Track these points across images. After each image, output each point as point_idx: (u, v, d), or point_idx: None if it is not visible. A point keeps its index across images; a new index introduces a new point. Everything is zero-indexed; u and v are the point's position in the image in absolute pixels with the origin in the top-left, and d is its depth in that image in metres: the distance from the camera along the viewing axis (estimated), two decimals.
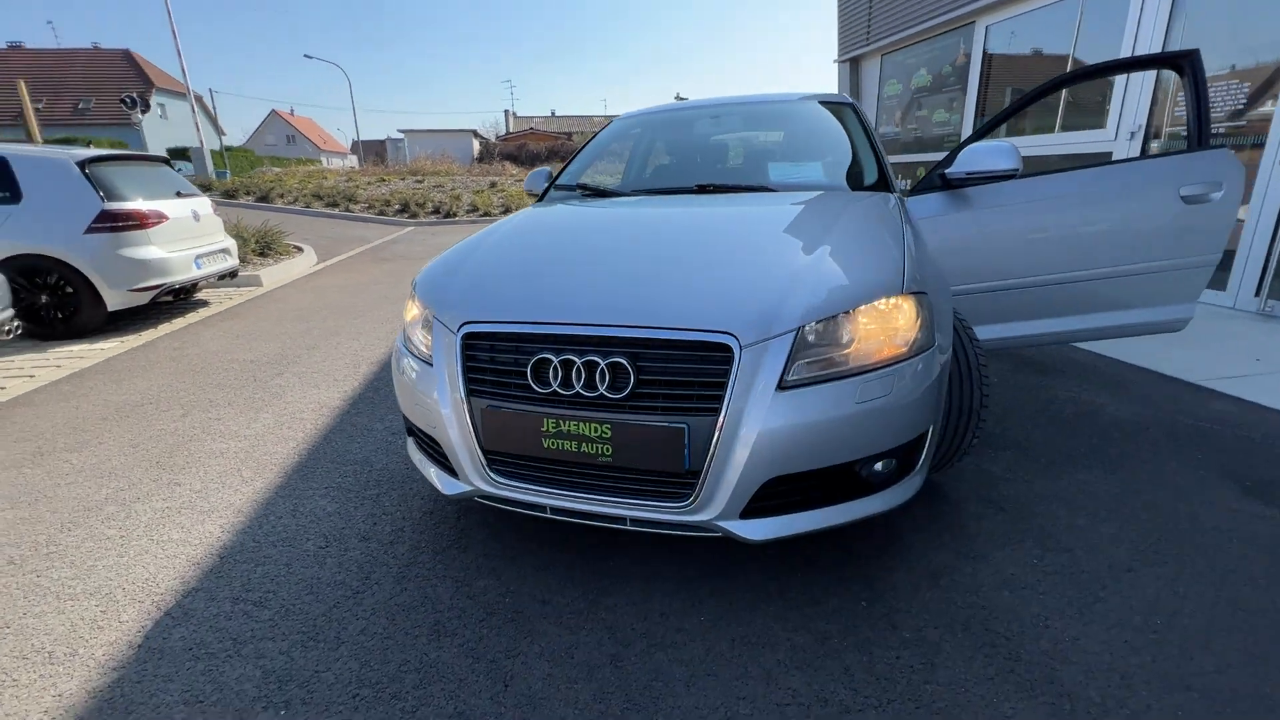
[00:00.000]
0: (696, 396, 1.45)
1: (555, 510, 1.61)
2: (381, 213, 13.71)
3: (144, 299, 4.75)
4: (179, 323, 5.06)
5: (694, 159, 3.06)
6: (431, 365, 1.70)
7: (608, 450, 1.50)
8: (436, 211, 13.66)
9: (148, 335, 4.68)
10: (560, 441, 1.53)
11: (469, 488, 1.69)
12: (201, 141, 17.86)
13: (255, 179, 17.60)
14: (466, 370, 1.63)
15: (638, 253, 1.87)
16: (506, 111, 39.54)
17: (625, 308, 1.54)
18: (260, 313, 5.36)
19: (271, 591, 1.72)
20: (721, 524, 1.48)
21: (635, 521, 1.55)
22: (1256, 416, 2.61)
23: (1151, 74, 4.78)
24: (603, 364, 1.47)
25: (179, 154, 33.38)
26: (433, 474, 1.81)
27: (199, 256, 5.19)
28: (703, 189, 2.52)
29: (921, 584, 1.66)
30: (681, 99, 6.41)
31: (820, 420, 1.43)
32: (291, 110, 56.62)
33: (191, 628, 1.59)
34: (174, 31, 16.35)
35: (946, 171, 2.45)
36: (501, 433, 1.60)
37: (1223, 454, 2.30)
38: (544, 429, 1.53)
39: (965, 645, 1.44)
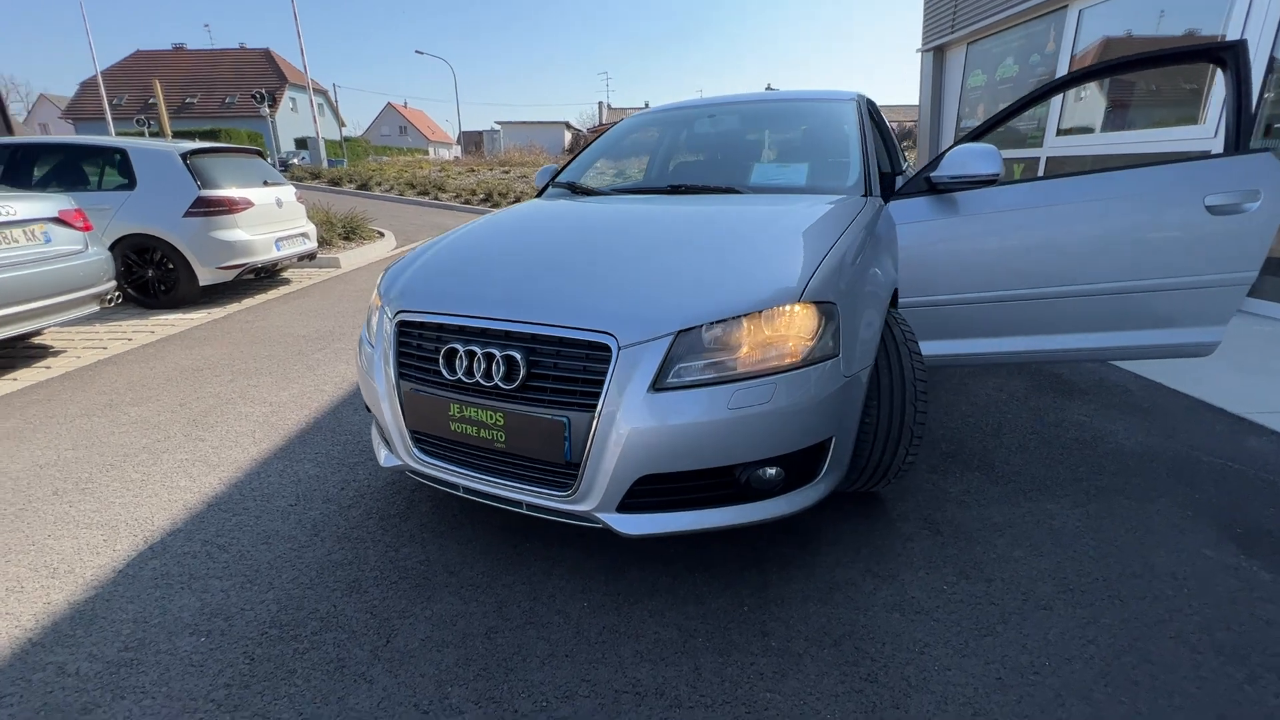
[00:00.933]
0: (578, 392, 1.52)
1: (466, 490, 1.74)
2: (467, 201, 14.50)
3: (229, 276, 5.38)
4: (259, 299, 5.67)
5: (679, 160, 3.08)
6: (374, 350, 1.88)
7: (501, 437, 1.61)
8: (517, 200, 14.26)
9: (230, 308, 5.29)
10: (464, 426, 1.65)
11: (399, 462, 1.86)
12: (316, 132, 19.60)
13: (358, 168, 19.06)
14: (398, 356, 1.79)
15: (563, 252, 1.95)
16: (600, 103, 40.23)
17: (525, 304, 1.64)
18: (329, 292, 5.89)
19: (235, 538, 1.97)
20: (600, 515, 1.55)
21: (530, 506, 1.65)
22: None
23: (1263, 57, 4.20)
24: (498, 355, 1.58)
25: (302, 144, 36.68)
26: (377, 446, 2.00)
27: (279, 239, 5.78)
28: (674, 190, 2.55)
29: (813, 596, 1.65)
30: (700, 94, 6.34)
31: (691, 423, 1.46)
32: (405, 103, 60.52)
33: (163, 561, 1.86)
34: (298, 32, 17.97)
35: (931, 175, 2.34)
36: (421, 414, 1.75)
37: (1229, 496, 2.07)
38: (451, 413, 1.67)
39: (826, 661, 1.43)
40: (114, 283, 4.28)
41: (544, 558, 1.83)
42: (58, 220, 3.88)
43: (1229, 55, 2.24)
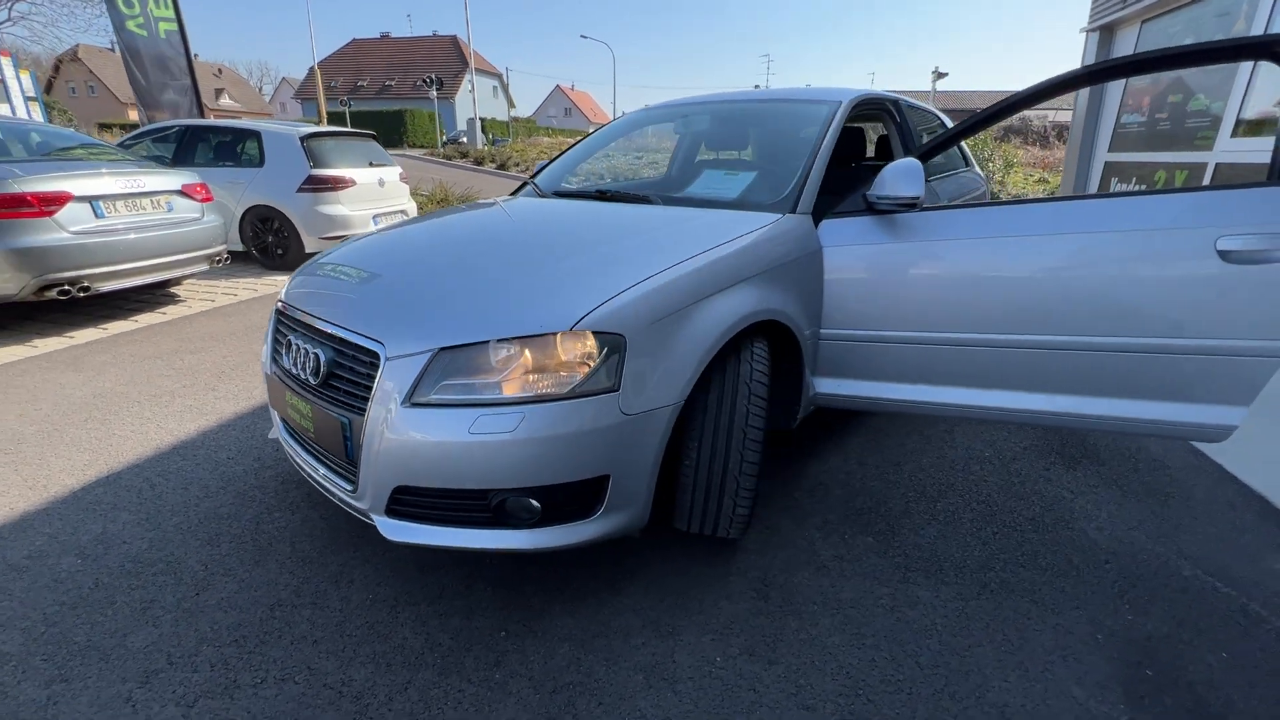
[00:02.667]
0: (357, 396, 1.58)
1: (306, 471, 1.90)
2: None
3: (329, 246, 6.14)
4: None
5: (630, 164, 2.97)
6: None
7: (311, 427, 1.73)
8: None
9: None
10: (293, 411, 1.80)
11: (276, 437, 2.07)
12: (475, 115, 21.36)
13: (508, 149, 20.45)
14: (272, 340, 1.98)
15: (426, 256, 2.01)
16: (756, 85, 39.14)
17: (338, 305, 1.73)
18: None
19: (167, 479, 2.31)
20: (372, 515, 1.62)
21: (335, 494, 1.76)
22: None
23: None
24: (309, 351, 1.69)
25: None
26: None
27: (376, 215, 6.46)
28: (600, 195, 2.47)
29: (574, 638, 1.58)
30: (756, 87, 5.91)
31: (436, 442, 1.47)
32: (572, 85, 63.51)
33: (107, 489, 2.25)
34: (467, 20, 19.58)
35: (867, 193, 2.05)
36: (274, 395, 1.93)
37: (1173, 629, 1.61)
38: (286, 398, 1.82)
39: (528, 706, 1.38)
40: (223, 247, 5.08)
41: (378, 544, 1.94)
42: (180, 192, 4.69)
43: None
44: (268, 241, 6.16)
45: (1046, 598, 1.72)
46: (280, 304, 1.97)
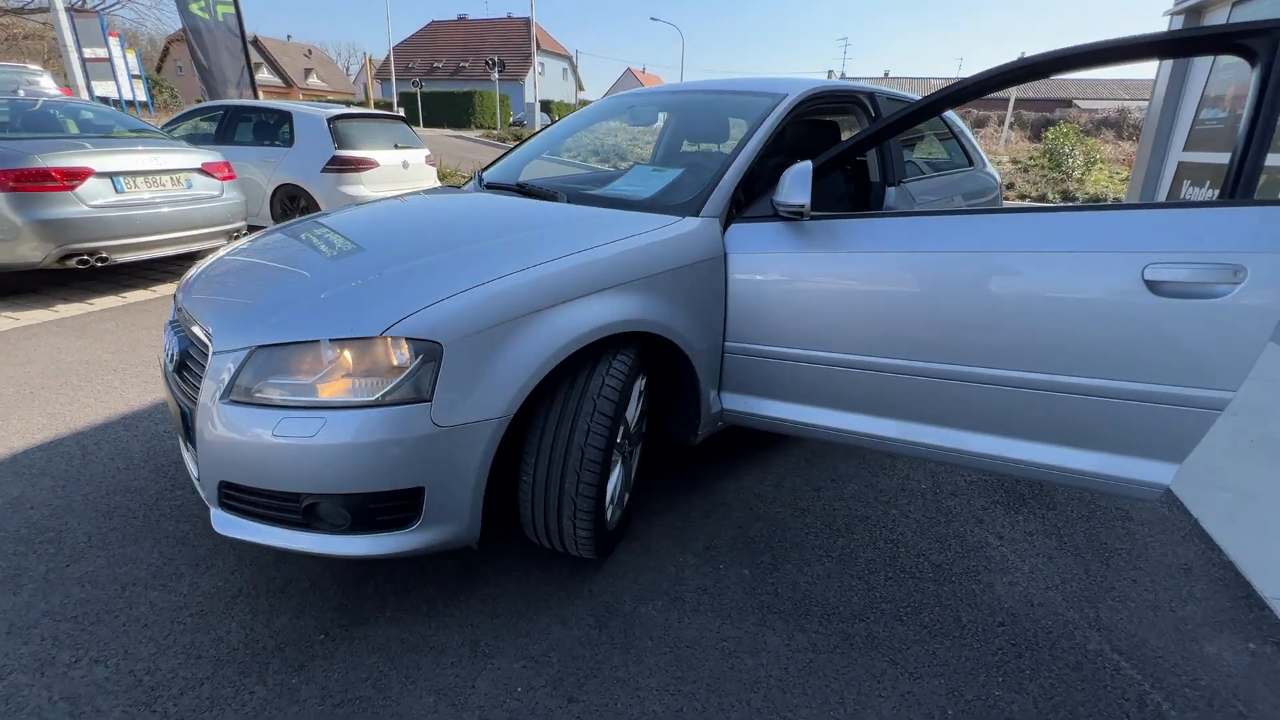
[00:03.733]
0: (195, 386, 1.59)
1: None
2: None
3: None
4: None
5: (580, 157, 2.85)
6: None
7: (178, 411, 1.76)
8: None
9: None
10: (170, 392, 1.84)
11: None
12: (535, 98, 21.53)
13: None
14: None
15: (293, 251, 1.97)
16: (830, 72, 37.57)
17: (201, 297, 1.74)
18: None
19: (101, 448, 2.44)
20: (209, 506, 1.63)
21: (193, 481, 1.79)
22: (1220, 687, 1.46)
23: None
24: (170, 337, 1.72)
25: (545, 106, 40.48)
26: None
27: None
28: (520, 189, 2.39)
29: (374, 648, 1.54)
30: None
31: (244, 441, 1.45)
32: (644, 69, 63.05)
33: (44, 455, 2.39)
34: (531, 4, 19.68)
35: (774, 197, 1.88)
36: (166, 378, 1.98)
37: (1043, 710, 1.41)
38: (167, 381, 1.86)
39: (296, 705, 1.35)
40: (243, 223, 5.32)
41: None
42: (200, 170, 4.93)
43: (1262, 43, 1.42)
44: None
45: (910, 659, 1.54)
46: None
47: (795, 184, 1.75)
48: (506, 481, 1.72)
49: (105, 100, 15.50)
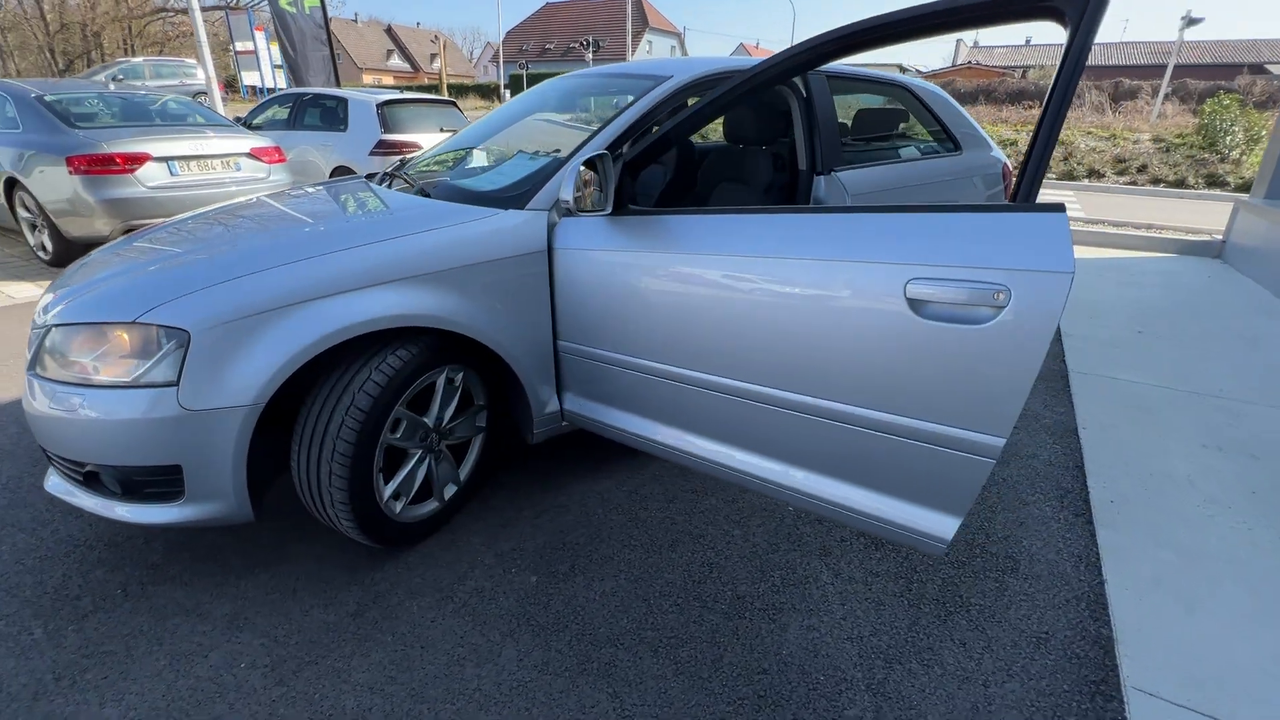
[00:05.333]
0: None
1: None
2: None
3: None
4: None
5: (477, 148, 2.78)
6: None
7: None
8: None
9: None
10: None
11: None
12: None
13: None
14: None
15: (163, 236, 2.09)
16: (959, 41, 34.21)
17: (70, 273, 1.92)
18: None
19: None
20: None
21: None
22: None
23: None
24: None
25: None
26: None
27: None
28: (398, 179, 2.41)
29: (151, 610, 1.66)
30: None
31: (34, 413, 1.62)
32: (757, 43, 60.85)
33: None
34: None
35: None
36: None
37: None
38: None
39: (44, 657, 1.50)
40: None
41: None
42: (249, 155, 5.43)
43: (1071, 5, 1.15)
44: None
45: (633, 696, 1.43)
46: None
47: (566, 177, 1.64)
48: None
49: (254, 89, 17.39)
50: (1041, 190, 1.16)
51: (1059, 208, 1.09)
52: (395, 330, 1.72)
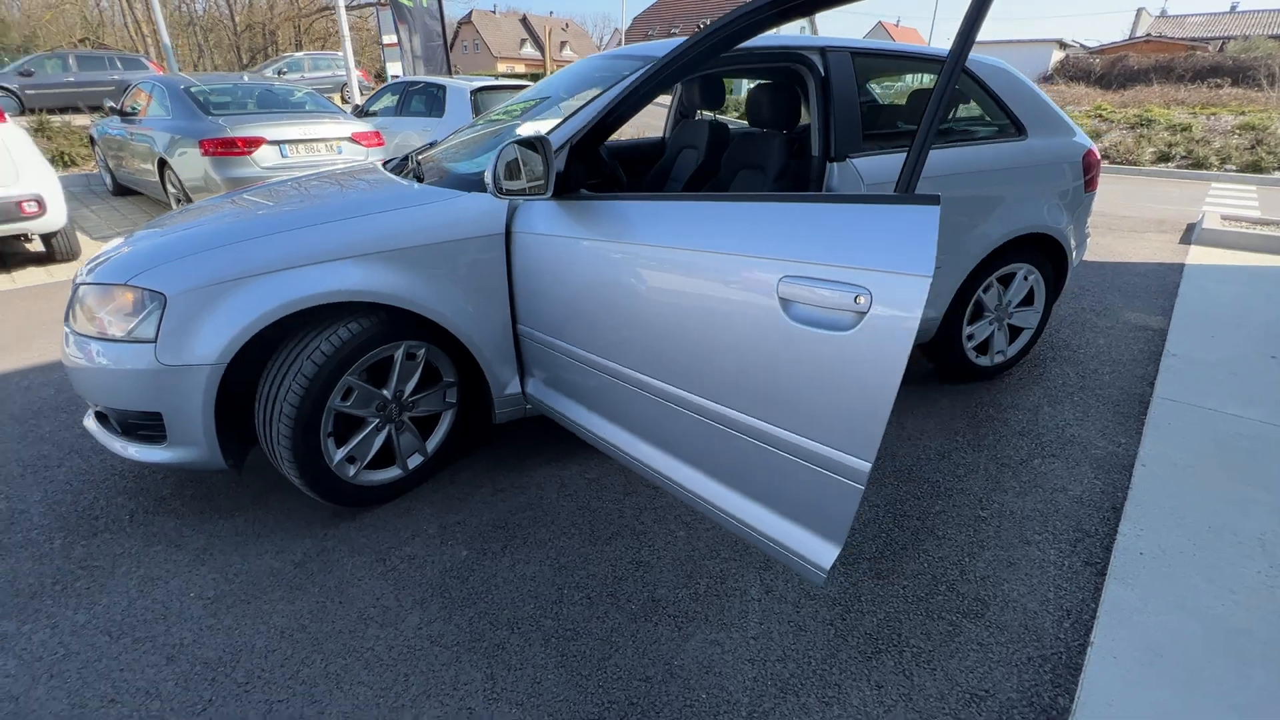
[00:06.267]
0: None
1: None
2: None
3: None
4: None
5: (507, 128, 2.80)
6: None
7: None
8: None
9: None
10: None
11: None
12: None
13: None
14: None
15: (205, 210, 2.34)
16: (1140, 10, 29.72)
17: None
18: None
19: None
20: None
21: None
22: None
23: None
24: None
25: None
26: None
27: None
28: (402, 163, 2.51)
29: (143, 536, 1.90)
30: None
31: (64, 361, 1.89)
32: (898, 21, 56.70)
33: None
34: None
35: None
36: None
37: None
38: None
39: (38, 566, 1.77)
40: None
41: None
42: (350, 139, 5.94)
43: None
44: None
45: (510, 681, 1.44)
46: None
47: (491, 160, 1.63)
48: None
49: (396, 79, 19.02)
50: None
51: (932, 200, 0.92)
52: (355, 304, 1.83)
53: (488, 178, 1.65)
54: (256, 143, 5.31)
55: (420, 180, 2.21)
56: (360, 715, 1.36)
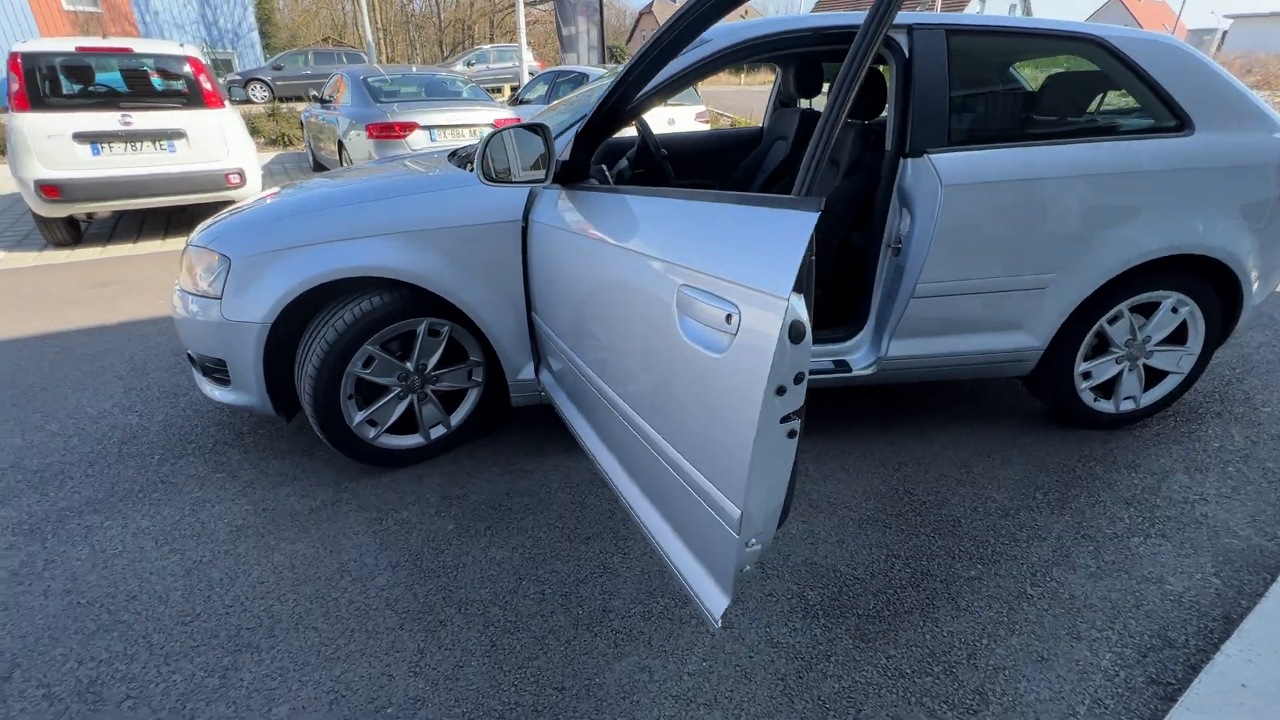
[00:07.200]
0: None
1: None
2: None
3: None
4: None
5: None
6: None
7: None
8: None
9: None
10: None
11: None
12: None
13: None
14: None
15: (300, 189, 2.63)
16: None
17: None
18: None
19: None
20: None
21: None
22: None
23: None
24: None
25: None
26: None
27: None
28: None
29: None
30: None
31: (173, 314, 2.25)
32: None
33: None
34: None
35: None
36: None
37: None
38: None
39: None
40: None
41: None
42: (492, 125, 6.37)
43: None
44: None
45: (408, 655, 1.46)
46: None
47: (480, 145, 1.62)
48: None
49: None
50: None
51: (811, 205, 0.73)
52: (380, 280, 1.96)
53: (475, 164, 1.66)
54: (411, 127, 5.91)
55: (464, 166, 2.30)
56: (300, 657, 1.48)
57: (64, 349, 3.16)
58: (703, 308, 0.91)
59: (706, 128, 7.54)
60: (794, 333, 0.79)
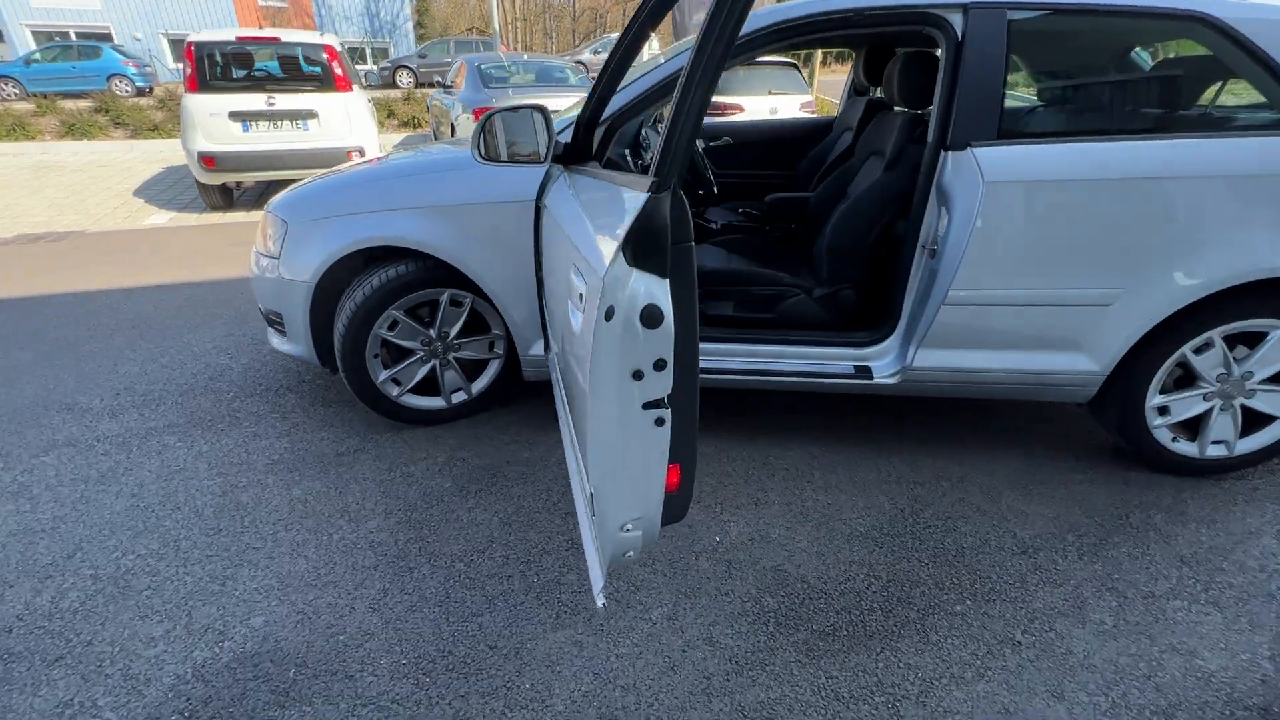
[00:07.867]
0: None
1: None
2: None
3: None
4: None
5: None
6: None
7: None
8: None
9: None
10: None
11: None
12: None
13: None
14: None
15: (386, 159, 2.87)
16: None
17: None
18: None
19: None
20: None
21: None
22: None
23: None
24: None
25: None
26: None
27: None
28: None
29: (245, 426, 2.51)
30: None
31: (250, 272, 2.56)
32: None
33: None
34: None
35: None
36: None
37: None
38: None
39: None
40: None
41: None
42: None
43: None
44: None
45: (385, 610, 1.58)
46: None
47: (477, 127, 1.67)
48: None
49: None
50: None
51: (646, 185, 0.70)
52: (405, 250, 2.11)
53: (471, 143, 1.73)
54: None
55: None
56: (286, 579, 1.66)
57: (191, 297, 3.70)
58: (575, 285, 0.91)
59: (807, 114, 7.23)
60: (646, 317, 0.78)
